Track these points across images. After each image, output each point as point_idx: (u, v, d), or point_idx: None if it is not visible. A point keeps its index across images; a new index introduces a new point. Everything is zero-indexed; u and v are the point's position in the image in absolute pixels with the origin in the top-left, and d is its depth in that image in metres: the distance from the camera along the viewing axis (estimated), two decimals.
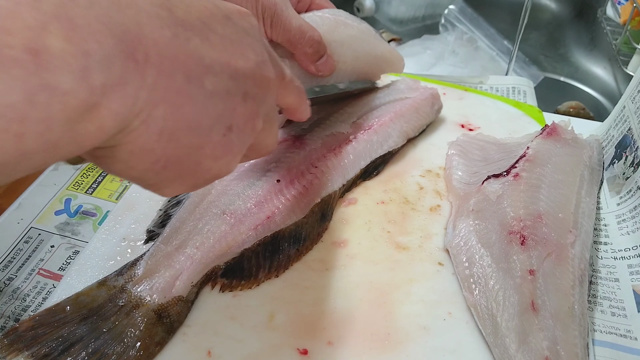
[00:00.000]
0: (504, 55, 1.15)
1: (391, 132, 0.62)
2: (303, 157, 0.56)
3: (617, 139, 0.62)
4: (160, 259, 0.47)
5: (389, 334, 0.46)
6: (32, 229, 0.56)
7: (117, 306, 0.44)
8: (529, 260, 0.47)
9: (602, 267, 0.54)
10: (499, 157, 0.60)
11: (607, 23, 1.07)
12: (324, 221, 0.54)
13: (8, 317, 0.48)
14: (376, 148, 0.61)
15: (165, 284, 0.45)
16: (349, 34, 0.59)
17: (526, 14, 0.87)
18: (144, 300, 0.44)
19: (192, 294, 0.46)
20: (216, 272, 0.48)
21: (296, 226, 0.52)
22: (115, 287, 0.45)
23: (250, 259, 0.49)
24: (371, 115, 0.63)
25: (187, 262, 0.46)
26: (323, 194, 0.55)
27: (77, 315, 0.43)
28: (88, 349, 0.40)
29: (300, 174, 0.55)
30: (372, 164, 0.60)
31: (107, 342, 0.41)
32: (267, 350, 0.44)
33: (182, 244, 0.48)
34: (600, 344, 0.47)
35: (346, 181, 0.58)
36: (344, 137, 0.60)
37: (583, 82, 1.19)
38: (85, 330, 0.42)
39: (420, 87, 0.68)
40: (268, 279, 0.49)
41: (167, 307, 0.44)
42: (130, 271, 0.46)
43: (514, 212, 0.51)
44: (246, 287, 0.48)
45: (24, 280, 0.51)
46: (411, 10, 1.27)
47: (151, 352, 0.42)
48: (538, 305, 0.45)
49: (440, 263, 0.52)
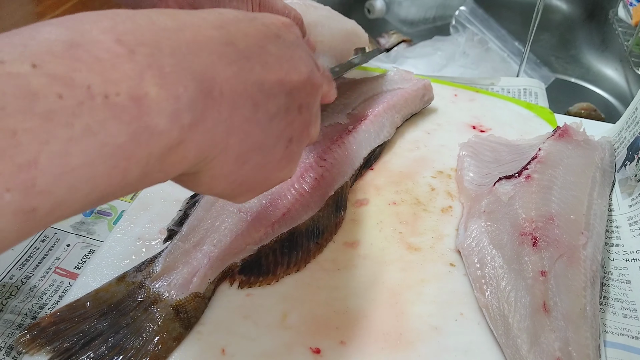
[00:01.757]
0: (515, 57, 1.15)
1: (385, 122, 0.65)
2: (309, 150, 0.58)
3: (629, 141, 0.62)
4: (178, 256, 0.48)
5: (400, 334, 0.46)
6: (48, 228, 0.57)
7: (135, 302, 0.45)
8: (540, 261, 0.48)
9: (613, 268, 0.54)
10: (511, 159, 0.60)
11: (619, 24, 1.06)
12: (339, 212, 0.55)
13: (25, 314, 0.49)
14: (374, 138, 0.63)
15: (183, 281, 0.46)
16: (320, 14, 0.64)
17: (538, 15, 0.87)
18: (162, 296, 0.45)
19: (209, 291, 0.47)
20: (233, 269, 0.49)
21: (312, 220, 0.53)
22: (134, 283, 0.46)
23: (267, 256, 0.50)
24: (367, 106, 0.65)
25: (204, 259, 0.47)
26: (335, 186, 0.56)
27: (97, 311, 0.44)
28: (108, 343, 0.42)
29: (310, 167, 0.56)
30: (371, 153, 0.62)
31: (126, 337, 0.42)
32: (280, 349, 0.44)
33: (199, 241, 0.49)
34: (611, 346, 0.47)
35: (354, 171, 0.59)
36: (343, 127, 0.61)
37: (594, 83, 1.19)
38: (104, 325, 0.43)
39: (413, 79, 0.70)
40: (288, 274, 0.50)
41: (185, 303, 0.45)
42: (149, 268, 0.47)
43: (526, 214, 0.51)
44: (264, 283, 0.49)
45: (41, 278, 0.52)
46: (422, 12, 1.27)
47: (169, 347, 0.43)
48: (550, 307, 0.45)
49: (452, 264, 0.52)
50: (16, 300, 0.50)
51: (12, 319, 0.48)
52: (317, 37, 0.62)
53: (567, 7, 1.28)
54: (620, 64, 1.15)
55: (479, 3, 1.22)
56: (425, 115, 0.72)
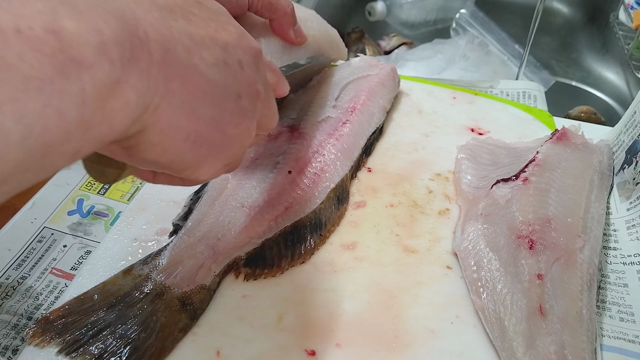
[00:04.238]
0: (515, 60, 1.15)
1: (373, 109, 0.66)
2: (306, 146, 0.58)
3: (628, 144, 0.62)
4: (183, 249, 0.49)
5: (396, 336, 0.46)
6: (45, 229, 0.57)
7: (142, 293, 0.46)
8: (537, 264, 0.47)
9: (611, 272, 0.53)
10: (509, 162, 0.60)
11: (620, 28, 1.06)
12: (341, 204, 0.56)
13: (21, 315, 0.49)
14: (367, 126, 0.64)
15: (188, 273, 0.47)
16: (307, 13, 0.67)
17: (537, 19, 0.87)
18: (168, 288, 0.46)
19: (215, 283, 0.48)
20: (238, 262, 0.50)
21: (315, 213, 0.54)
22: (140, 275, 0.47)
23: (272, 249, 0.51)
24: (346, 96, 0.66)
25: (209, 252, 0.48)
26: (336, 179, 0.57)
27: (105, 303, 0.45)
28: (115, 334, 0.43)
29: (309, 162, 0.57)
30: (368, 141, 0.64)
31: (133, 328, 0.43)
32: (276, 351, 0.44)
33: (204, 235, 0.50)
34: (608, 349, 0.47)
35: (353, 162, 0.60)
36: (335, 120, 0.62)
37: (595, 86, 1.19)
38: (112, 316, 0.44)
39: (379, 64, 0.72)
40: (292, 266, 0.51)
41: (190, 295, 0.46)
42: (155, 260, 0.48)
43: (523, 217, 0.51)
44: (269, 275, 0.50)
45: (37, 279, 0.52)
46: (422, 14, 1.27)
47: (175, 338, 0.44)
48: (546, 310, 0.45)
49: (449, 266, 0.52)
50: (12, 301, 0.50)
51: (8, 320, 0.48)
52: (309, 31, 0.63)
53: (568, 11, 1.28)
54: (621, 68, 1.15)
55: (480, 6, 1.22)
56: (424, 117, 0.72)
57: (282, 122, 0.62)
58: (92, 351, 0.42)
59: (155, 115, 0.27)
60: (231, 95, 0.33)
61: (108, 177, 0.34)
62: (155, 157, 0.30)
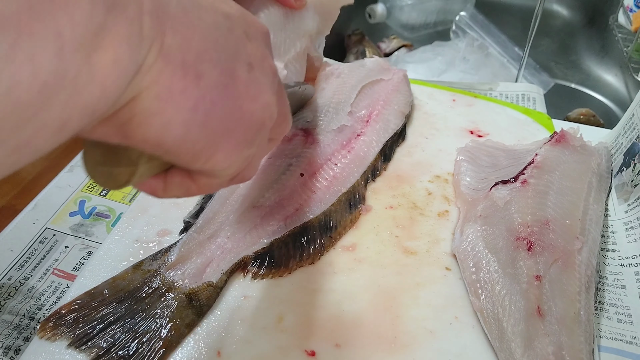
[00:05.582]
0: (514, 62, 1.15)
1: (388, 116, 0.66)
2: (319, 152, 0.59)
3: (626, 147, 0.62)
4: (192, 246, 0.49)
5: (395, 337, 0.46)
6: (47, 230, 0.57)
7: (151, 289, 0.47)
8: (535, 266, 0.48)
9: (609, 273, 0.54)
10: (508, 164, 0.61)
11: (619, 30, 1.07)
12: (354, 208, 0.57)
13: (23, 315, 0.49)
14: (382, 133, 0.64)
15: (196, 270, 0.48)
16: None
17: (536, 21, 0.87)
18: (176, 284, 0.47)
19: (222, 281, 0.48)
20: (246, 261, 0.50)
21: (325, 215, 0.54)
22: (149, 271, 0.48)
23: (280, 249, 0.51)
24: (362, 101, 0.66)
25: (218, 250, 0.49)
26: (347, 184, 0.58)
27: (114, 298, 0.46)
28: (124, 328, 0.44)
29: (321, 167, 0.57)
30: (385, 146, 0.63)
31: (141, 322, 0.44)
32: (276, 352, 0.45)
33: (214, 233, 0.50)
34: (606, 350, 0.47)
35: (366, 167, 0.60)
36: (350, 130, 0.62)
37: (594, 89, 1.19)
38: (121, 311, 0.45)
39: (391, 69, 0.73)
40: (300, 267, 0.51)
41: (198, 292, 0.47)
42: (164, 257, 0.49)
43: (522, 218, 0.51)
44: (277, 275, 0.50)
45: (39, 279, 0.52)
46: (422, 17, 1.28)
47: (181, 333, 0.45)
48: (544, 311, 0.45)
49: (448, 268, 0.52)
50: (14, 301, 0.50)
51: (10, 320, 0.49)
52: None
53: (568, 13, 1.28)
54: (620, 70, 1.15)
55: (480, 8, 1.22)
56: (424, 120, 0.72)
57: (297, 123, 0.62)
58: (101, 345, 0.43)
59: (150, 74, 0.23)
60: (242, 64, 0.29)
61: (118, 180, 0.28)
62: (158, 133, 0.25)
